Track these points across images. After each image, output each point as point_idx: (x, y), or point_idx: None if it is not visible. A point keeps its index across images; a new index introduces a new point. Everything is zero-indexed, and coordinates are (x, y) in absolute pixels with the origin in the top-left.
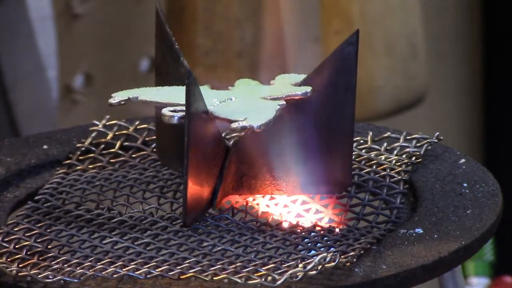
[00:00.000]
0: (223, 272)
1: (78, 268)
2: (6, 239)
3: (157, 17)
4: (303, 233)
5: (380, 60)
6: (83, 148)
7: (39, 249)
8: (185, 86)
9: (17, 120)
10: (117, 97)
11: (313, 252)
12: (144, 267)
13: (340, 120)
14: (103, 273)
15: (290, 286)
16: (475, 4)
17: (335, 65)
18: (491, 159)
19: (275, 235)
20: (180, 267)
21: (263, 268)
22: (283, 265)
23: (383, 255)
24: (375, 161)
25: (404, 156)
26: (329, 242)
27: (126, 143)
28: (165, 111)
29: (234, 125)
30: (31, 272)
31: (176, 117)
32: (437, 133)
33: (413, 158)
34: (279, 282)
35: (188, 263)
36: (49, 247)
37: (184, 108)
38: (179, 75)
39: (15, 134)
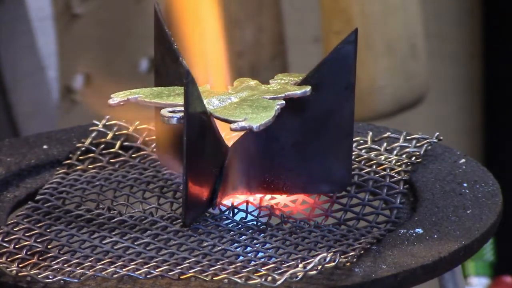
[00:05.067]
0: (223, 272)
1: (78, 268)
2: (6, 239)
3: (156, 17)
4: (303, 233)
5: (380, 60)
6: (83, 148)
7: (39, 249)
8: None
9: (17, 120)
10: (117, 97)
11: (313, 252)
12: (144, 267)
13: (340, 119)
14: (103, 273)
15: (290, 286)
16: (475, 4)
17: (334, 64)
18: (491, 159)
19: (275, 235)
20: (180, 267)
21: (263, 268)
22: (283, 265)
23: (383, 255)
24: (375, 161)
25: (404, 156)
26: (329, 242)
27: (126, 143)
28: (164, 112)
29: (233, 125)
30: (31, 272)
31: (175, 118)
32: (437, 133)
33: (413, 158)
34: (279, 282)
35: (188, 263)
36: (49, 247)
37: (183, 108)
38: (179, 75)
39: (15, 134)
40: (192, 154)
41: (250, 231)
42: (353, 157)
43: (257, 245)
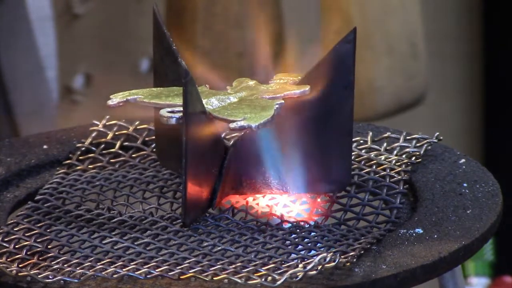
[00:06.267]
0: (223, 272)
1: (78, 268)
2: (6, 239)
3: (154, 18)
4: (303, 233)
5: (380, 60)
6: (83, 148)
7: (39, 249)
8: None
9: (17, 120)
10: (116, 98)
11: (313, 252)
12: (144, 267)
13: (339, 118)
14: (103, 273)
15: (290, 286)
16: (475, 4)
17: (333, 63)
18: (491, 159)
19: (275, 235)
20: (180, 267)
21: (263, 268)
22: (283, 265)
23: (383, 255)
24: (375, 161)
25: (404, 156)
26: (329, 242)
27: (126, 143)
28: (163, 112)
29: (232, 125)
30: (31, 272)
31: (174, 118)
32: (437, 133)
33: (413, 158)
34: (279, 282)
35: (188, 263)
36: (49, 247)
37: (182, 108)
38: (178, 76)
39: (15, 134)
40: (191, 154)
41: (250, 231)
42: (353, 157)
43: (257, 245)
